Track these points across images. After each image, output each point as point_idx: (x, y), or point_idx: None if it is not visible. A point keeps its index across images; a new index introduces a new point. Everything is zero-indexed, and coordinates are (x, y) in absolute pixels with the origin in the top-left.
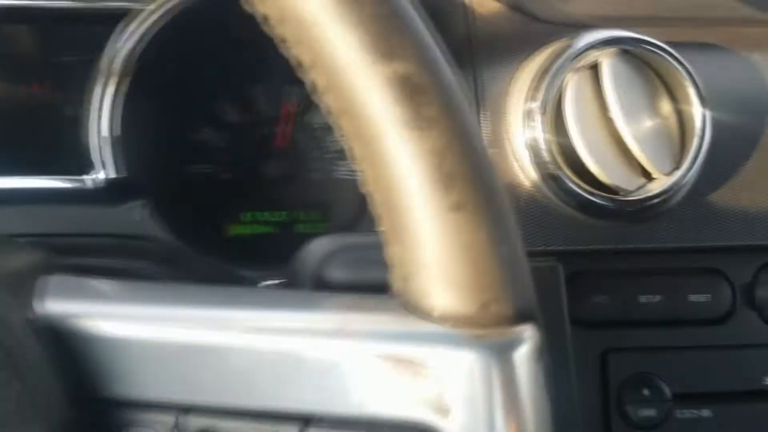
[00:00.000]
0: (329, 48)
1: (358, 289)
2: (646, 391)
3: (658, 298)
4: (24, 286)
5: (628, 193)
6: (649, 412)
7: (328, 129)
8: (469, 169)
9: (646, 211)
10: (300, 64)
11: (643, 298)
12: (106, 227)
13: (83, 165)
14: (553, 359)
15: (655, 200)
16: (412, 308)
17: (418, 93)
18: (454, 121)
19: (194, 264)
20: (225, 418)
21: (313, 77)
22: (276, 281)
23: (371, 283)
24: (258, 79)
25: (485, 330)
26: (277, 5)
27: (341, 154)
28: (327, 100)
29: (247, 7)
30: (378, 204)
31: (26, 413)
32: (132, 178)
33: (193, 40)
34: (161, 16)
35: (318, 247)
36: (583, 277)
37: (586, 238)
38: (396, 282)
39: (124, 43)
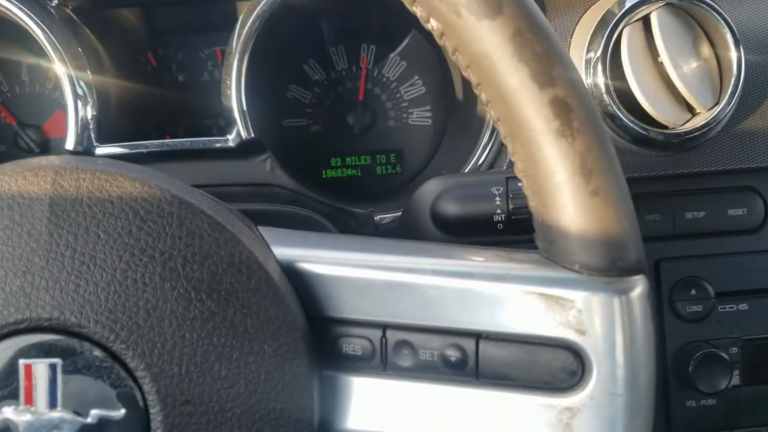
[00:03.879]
0: (500, 74)
1: (469, 220)
2: (693, 291)
3: (701, 213)
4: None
5: (676, 126)
6: (696, 308)
7: (399, 82)
8: (603, 165)
9: (691, 141)
10: (467, 73)
11: (689, 215)
12: (245, 178)
13: (223, 128)
14: None
15: (699, 132)
16: (558, 259)
17: (570, 111)
18: (593, 131)
19: (311, 203)
20: (420, 333)
21: (479, 89)
22: (390, 215)
23: (479, 213)
24: (337, 41)
25: (612, 278)
26: (459, 41)
27: (412, 104)
28: (489, 108)
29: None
30: (530, 187)
31: (277, 324)
32: (260, 136)
33: (289, 18)
34: (269, 4)
35: (433, 186)
36: (638, 199)
37: (640, 166)
38: (542, 242)
39: (248, 22)
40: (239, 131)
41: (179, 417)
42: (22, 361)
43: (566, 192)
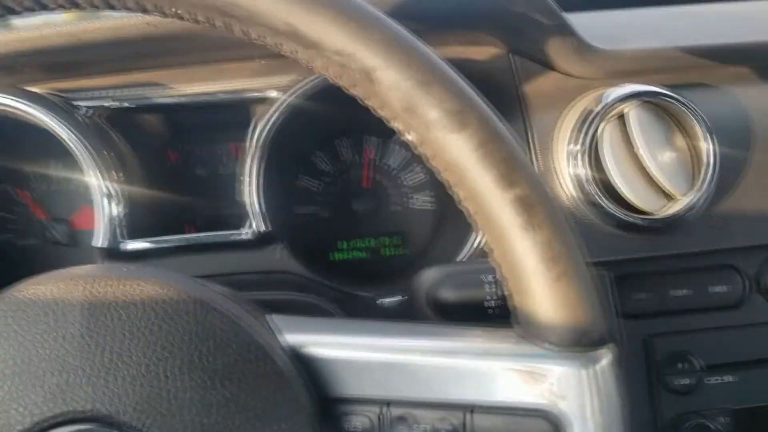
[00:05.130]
0: (469, 179)
1: (462, 305)
2: (681, 365)
3: (685, 291)
4: (265, 323)
5: (655, 212)
6: (684, 381)
7: (401, 169)
8: (564, 253)
9: (671, 225)
10: (443, 179)
11: (674, 293)
12: (258, 266)
13: (238, 221)
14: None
15: (677, 216)
16: (531, 338)
17: (532, 207)
18: (553, 224)
19: (319, 288)
20: (414, 408)
21: (454, 190)
22: (393, 299)
23: (471, 299)
24: (343, 133)
25: (580, 352)
26: (433, 151)
27: (414, 190)
28: (464, 204)
29: (406, 139)
30: (503, 273)
31: (286, 406)
32: (273, 226)
33: (298, 118)
34: (286, 106)
35: (430, 274)
36: (626, 280)
37: (626, 249)
38: (518, 320)
39: (263, 127)
40: (254, 225)
41: None
42: None
43: (533, 278)
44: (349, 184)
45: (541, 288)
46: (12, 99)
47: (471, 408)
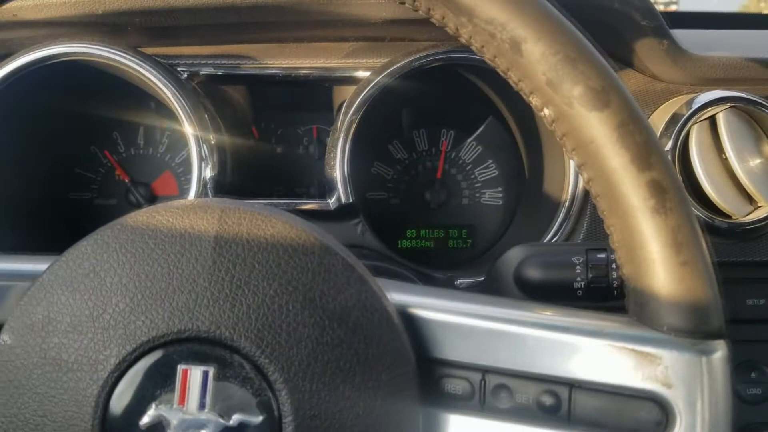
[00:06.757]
0: (603, 157)
1: (550, 285)
2: (753, 374)
3: (762, 301)
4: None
5: (739, 216)
6: (755, 391)
7: (475, 164)
8: (692, 240)
9: (753, 231)
10: (571, 155)
11: (750, 301)
12: (337, 238)
13: (313, 196)
14: None
15: (761, 223)
16: (647, 321)
17: (665, 192)
18: (684, 210)
19: (396, 266)
20: (516, 378)
21: (582, 169)
22: (468, 280)
23: (560, 280)
24: (420, 125)
25: (697, 341)
26: (569, 128)
27: (485, 185)
28: (590, 185)
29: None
30: (624, 256)
31: (393, 356)
32: (355, 202)
33: (381, 105)
34: (375, 86)
35: (519, 252)
36: None
37: None
38: (633, 306)
39: (354, 108)
40: (339, 196)
41: (308, 429)
42: (180, 366)
43: (658, 262)
44: (421, 174)
45: (665, 272)
46: (122, 55)
47: (576, 384)
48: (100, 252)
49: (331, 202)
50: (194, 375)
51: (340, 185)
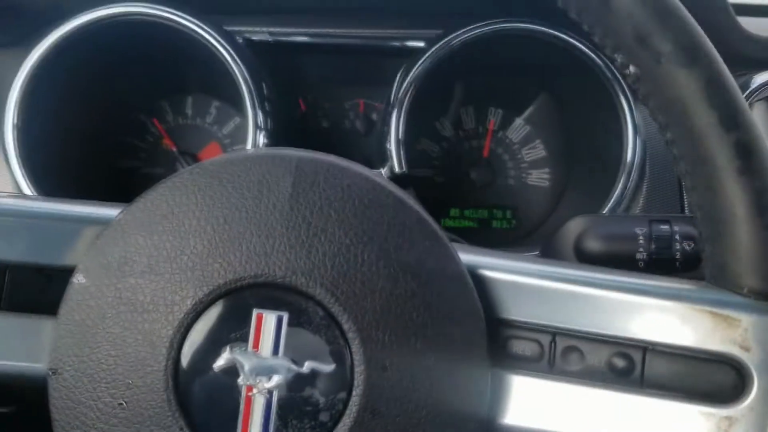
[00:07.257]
0: (690, 117)
1: (612, 256)
2: None
3: None
4: None
5: None
6: None
7: (522, 144)
8: None
9: None
10: (654, 115)
11: None
12: None
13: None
14: None
15: None
16: (726, 283)
17: (751, 153)
18: None
19: None
20: (586, 340)
21: (667, 132)
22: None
23: (622, 251)
24: (468, 102)
25: None
26: (654, 86)
27: (532, 165)
28: (672, 147)
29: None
30: (704, 218)
31: (464, 312)
32: (408, 172)
33: (431, 80)
34: (428, 60)
35: (580, 223)
36: None
37: None
38: (711, 268)
39: (410, 77)
40: (393, 166)
41: (378, 379)
42: (255, 311)
43: (741, 224)
44: (467, 153)
45: (747, 234)
46: (183, 16)
47: (650, 347)
48: (178, 195)
49: (384, 171)
50: (268, 320)
51: (394, 154)
